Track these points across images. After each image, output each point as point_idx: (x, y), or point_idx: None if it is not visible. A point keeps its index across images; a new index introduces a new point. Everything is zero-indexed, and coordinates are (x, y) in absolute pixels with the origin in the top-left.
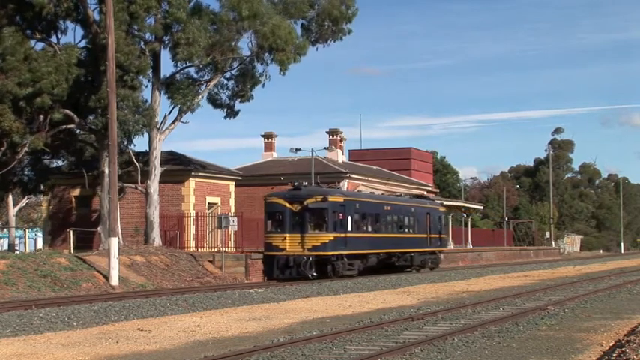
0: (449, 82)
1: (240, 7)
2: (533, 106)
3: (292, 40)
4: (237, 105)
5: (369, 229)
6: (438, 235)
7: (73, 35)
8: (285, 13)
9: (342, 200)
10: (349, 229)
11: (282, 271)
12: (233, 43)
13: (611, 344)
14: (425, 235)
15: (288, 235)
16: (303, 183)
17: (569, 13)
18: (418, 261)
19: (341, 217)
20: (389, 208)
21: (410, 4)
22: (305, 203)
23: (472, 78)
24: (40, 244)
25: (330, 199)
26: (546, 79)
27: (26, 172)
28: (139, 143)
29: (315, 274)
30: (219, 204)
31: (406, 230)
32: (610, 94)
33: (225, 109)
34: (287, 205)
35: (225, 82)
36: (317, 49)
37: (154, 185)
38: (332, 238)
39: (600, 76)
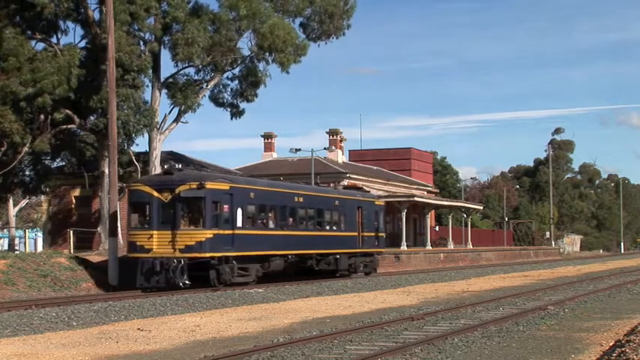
0: (449, 82)
1: (239, 7)
2: (532, 106)
3: (292, 40)
4: (242, 105)
5: (272, 224)
6: (373, 234)
7: (73, 35)
8: (284, 11)
9: (227, 188)
10: (239, 224)
11: (147, 279)
12: (233, 43)
13: (611, 344)
14: (355, 234)
15: (155, 232)
16: (176, 165)
17: (568, 13)
18: (345, 265)
19: (226, 209)
20: (301, 199)
21: (410, 4)
22: (177, 191)
23: (472, 78)
24: (40, 245)
25: (209, 185)
26: (545, 79)
27: (27, 173)
28: (139, 143)
29: (187, 282)
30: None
31: (328, 227)
32: (608, 94)
33: (229, 109)
34: (155, 193)
35: (229, 82)
36: (319, 45)
37: None
38: (211, 235)
39: (599, 76)
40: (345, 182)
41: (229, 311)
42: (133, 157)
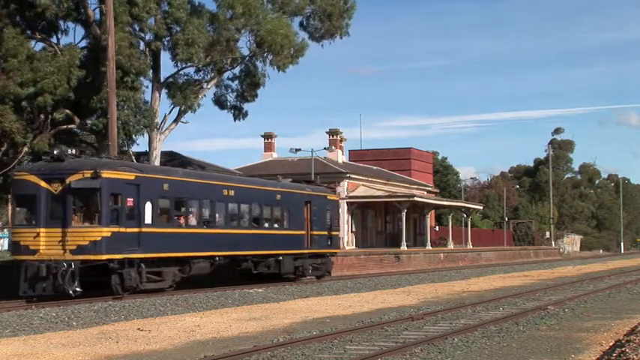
0: (448, 82)
1: (235, 6)
2: (532, 106)
3: (290, 41)
4: (244, 106)
5: (194, 221)
6: (325, 233)
7: (73, 35)
8: (284, 10)
9: (131, 177)
10: (148, 220)
11: (31, 285)
12: (232, 43)
13: (611, 344)
14: (302, 232)
15: (43, 230)
16: (68, 151)
17: (568, 13)
18: (290, 267)
19: (130, 203)
20: (231, 192)
21: (409, 4)
22: (68, 181)
23: (471, 78)
24: None
25: (106, 174)
26: (545, 79)
27: None
28: (139, 143)
29: (78, 289)
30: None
31: (267, 225)
32: (608, 94)
33: (232, 111)
34: (43, 184)
35: (230, 83)
36: (322, 45)
37: None
38: (108, 234)
39: (598, 76)
40: (346, 182)
41: (229, 311)
42: (133, 158)
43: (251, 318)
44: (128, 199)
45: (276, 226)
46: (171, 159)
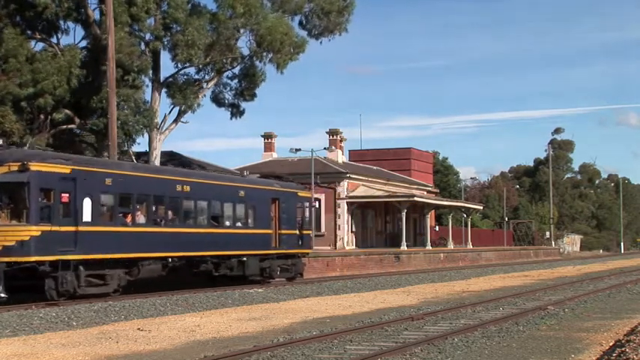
0: (448, 81)
1: (235, 6)
2: (532, 106)
3: (290, 39)
4: (242, 104)
5: (142, 219)
6: (296, 232)
7: (73, 36)
8: (283, 9)
9: (66, 171)
10: (87, 218)
11: None
12: (232, 42)
13: (611, 344)
14: (269, 231)
15: None
16: None
17: (568, 13)
18: (256, 269)
19: (65, 199)
20: (187, 188)
21: (409, 4)
22: None
23: (471, 78)
24: None
25: (35, 167)
26: (545, 79)
27: None
28: (139, 143)
29: (3, 295)
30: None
31: (229, 223)
32: (607, 94)
33: (230, 109)
34: None
35: (229, 81)
36: (321, 42)
37: None
38: (37, 233)
39: (598, 76)
40: (346, 182)
41: (229, 311)
42: (133, 157)
43: (251, 318)
44: (63, 195)
45: (239, 224)
46: (172, 159)
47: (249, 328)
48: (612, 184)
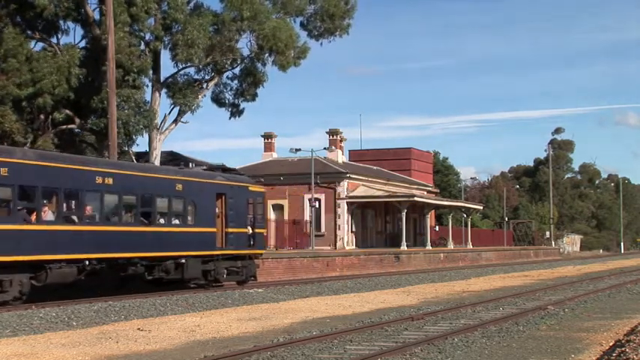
0: (448, 82)
1: (242, 8)
2: (532, 106)
3: (293, 42)
4: (242, 104)
5: (49, 216)
6: (246, 230)
7: (73, 35)
8: (285, 11)
9: None
10: None
11: None
12: (233, 43)
13: (611, 344)
14: (213, 230)
15: None
16: None
17: (568, 13)
18: (197, 272)
19: None
20: (108, 180)
21: (409, 4)
22: None
23: (471, 78)
24: None
25: None
26: (545, 79)
27: None
28: (139, 143)
29: None
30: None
31: (163, 221)
32: (607, 94)
33: (229, 109)
34: None
35: (229, 82)
36: (321, 44)
37: None
38: None
39: (598, 76)
40: (346, 182)
41: (229, 311)
42: (134, 157)
43: (251, 318)
44: None
45: (176, 222)
46: (172, 159)
47: (249, 328)
48: (612, 184)
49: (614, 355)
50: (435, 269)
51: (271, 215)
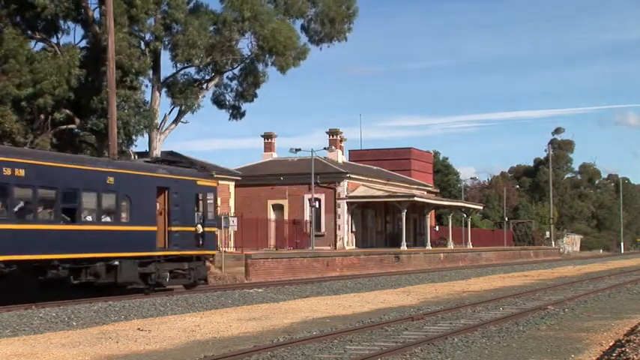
0: (448, 82)
1: (243, 9)
2: (532, 106)
3: (293, 43)
4: (243, 106)
5: None
6: (193, 229)
7: (73, 35)
8: (287, 13)
9: None
10: None
11: None
12: (233, 44)
13: (611, 344)
14: (153, 228)
15: None
16: None
17: (568, 13)
18: (134, 275)
19: None
20: (20, 172)
21: (409, 4)
22: None
23: (471, 78)
24: None
25: None
26: (545, 79)
27: None
28: (140, 143)
29: None
30: (219, 204)
31: (90, 218)
32: (607, 94)
33: (230, 110)
34: None
35: (229, 82)
36: (321, 48)
37: None
38: None
39: (598, 76)
40: (345, 182)
41: (229, 311)
42: (134, 157)
43: (251, 318)
44: None
45: (107, 219)
46: (171, 159)
47: (249, 328)
48: (612, 184)
49: (614, 355)
50: (435, 269)
51: (271, 215)
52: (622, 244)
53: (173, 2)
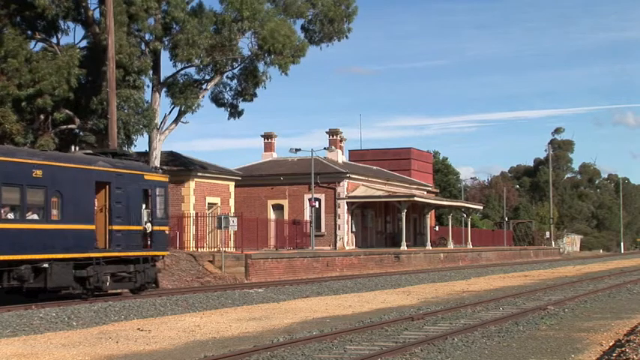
0: (447, 82)
1: (242, 9)
2: (532, 106)
3: (291, 42)
4: (241, 105)
5: None
6: (140, 228)
7: (73, 35)
8: (286, 13)
9: None
10: None
11: None
12: (233, 43)
13: (611, 344)
14: (90, 227)
15: None
16: None
17: (567, 13)
18: (68, 279)
19: None
20: None
21: (408, 4)
22: None
23: (470, 78)
24: None
25: None
26: (544, 79)
27: None
28: (139, 143)
29: None
30: (219, 204)
31: (13, 215)
32: (608, 94)
33: (228, 109)
34: None
35: (228, 82)
36: (321, 48)
37: None
38: None
39: (598, 76)
40: (345, 182)
41: (229, 311)
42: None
43: (251, 318)
44: None
45: (33, 217)
46: (172, 159)
47: (249, 328)
48: (612, 184)
49: (614, 355)
50: (435, 269)
51: (271, 215)
52: (622, 244)
53: (173, 1)
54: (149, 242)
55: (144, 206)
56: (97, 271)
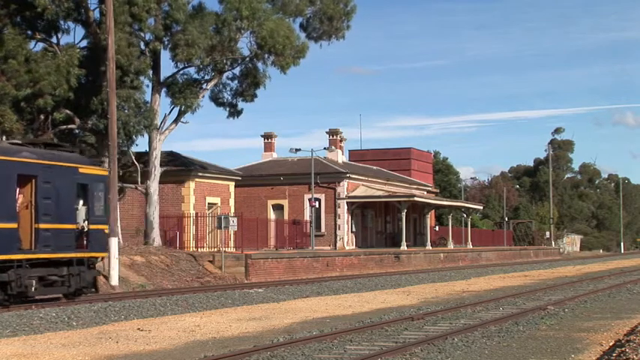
0: (447, 82)
1: (241, 8)
2: (532, 106)
3: (291, 42)
4: (240, 104)
5: None
6: (73, 226)
7: (73, 35)
8: (285, 11)
9: None
10: None
11: None
12: (233, 43)
13: (611, 344)
14: (11, 225)
15: None
16: None
17: (567, 13)
18: None
19: None
20: None
21: (408, 4)
22: None
23: (470, 78)
24: None
25: None
26: (544, 79)
27: None
28: (139, 143)
29: None
30: (219, 204)
31: None
32: (606, 94)
33: (227, 109)
34: None
35: (229, 82)
36: (320, 46)
37: (153, 185)
38: None
39: (597, 76)
40: (345, 182)
41: (229, 311)
42: (133, 158)
43: (251, 318)
44: None
45: None
46: (172, 159)
47: (249, 328)
48: (612, 184)
49: (614, 355)
50: (435, 269)
51: (271, 215)
52: (622, 244)
53: (174, 2)
54: (85, 242)
55: (81, 202)
56: (19, 275)
